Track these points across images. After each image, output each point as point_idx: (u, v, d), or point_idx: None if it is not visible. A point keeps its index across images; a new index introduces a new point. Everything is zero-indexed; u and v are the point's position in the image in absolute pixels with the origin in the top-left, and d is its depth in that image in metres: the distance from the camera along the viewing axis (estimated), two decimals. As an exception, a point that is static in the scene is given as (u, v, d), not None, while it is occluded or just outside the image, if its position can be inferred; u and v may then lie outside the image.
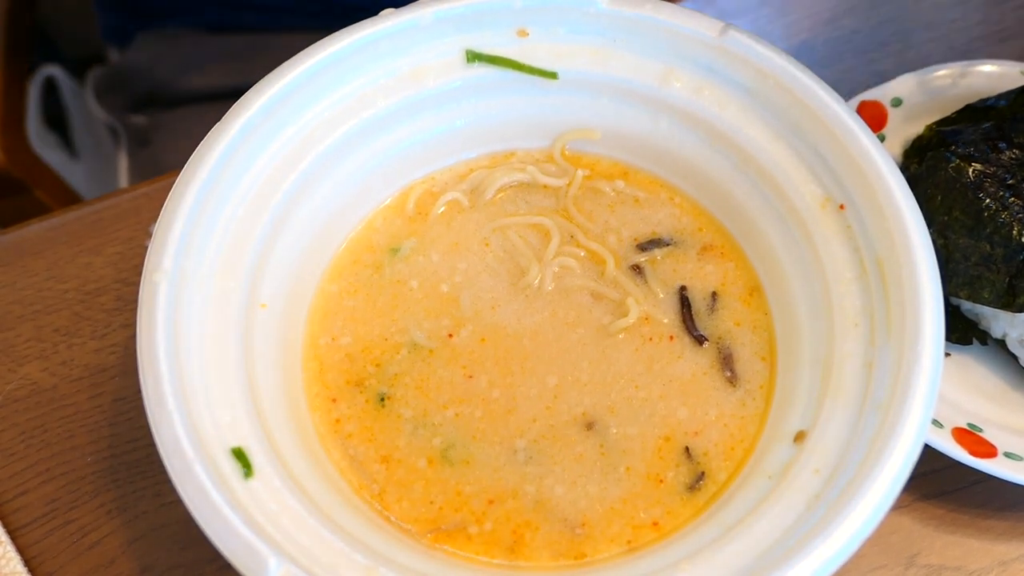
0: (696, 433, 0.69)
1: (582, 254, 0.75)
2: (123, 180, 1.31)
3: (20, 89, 1.31)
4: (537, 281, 0.73)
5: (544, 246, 0.75)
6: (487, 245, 0.75)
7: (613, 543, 0.65)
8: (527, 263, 0.74)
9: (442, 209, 0.77)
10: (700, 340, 0.72)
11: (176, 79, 1.22)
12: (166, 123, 1.23)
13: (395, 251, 0.75)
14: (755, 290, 0.74)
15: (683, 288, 0.74)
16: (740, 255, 0.76)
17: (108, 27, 1.29)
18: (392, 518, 0.66)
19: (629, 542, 0.65)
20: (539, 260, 0.74)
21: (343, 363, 0.71)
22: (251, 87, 0.69)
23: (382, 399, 0.70)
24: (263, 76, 0.70)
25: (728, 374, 0.71)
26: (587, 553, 0.65)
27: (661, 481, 0.67)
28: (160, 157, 1.22)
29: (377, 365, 0.70)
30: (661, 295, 0.74)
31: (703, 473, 0.67)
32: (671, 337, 0.72)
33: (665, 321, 0.73)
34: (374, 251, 0.75)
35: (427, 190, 0.78)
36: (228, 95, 1.15)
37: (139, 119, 1.26)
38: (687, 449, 0.68)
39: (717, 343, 0.72)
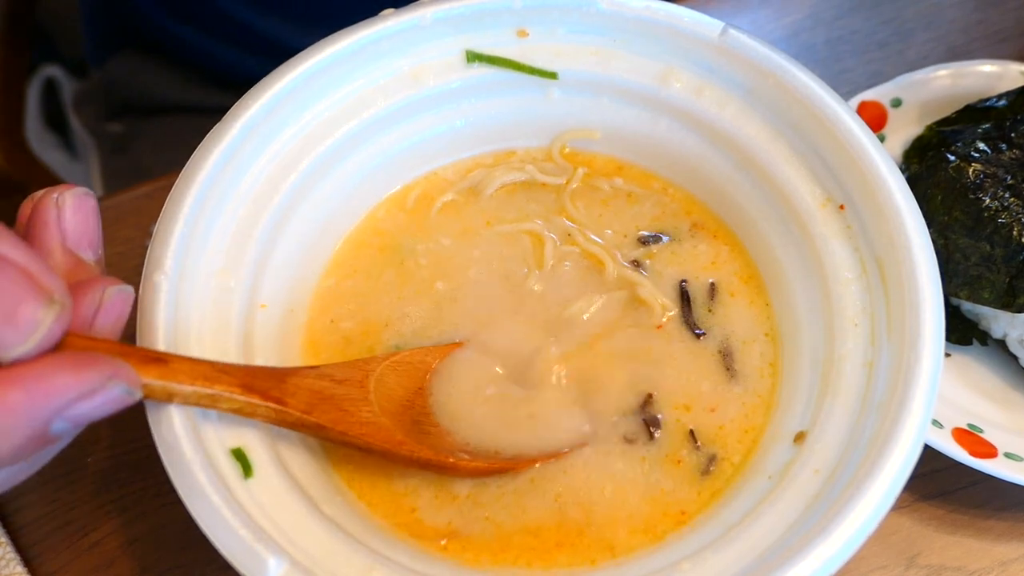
0: (702, 427, 0.69)
1: (577, 251, 0.75)
2: (97, 189, 1.30)
3: (20, 89, 1.31)
4: (536, 285, 0.73)
5: (541, 249, 0.75)
6: (485, 248, 0.75)
7: (621, 535, 0.65)
8: (525, 267, 0.74)
9: (440, 207, 0.77)
10: (700, 336, 0.72)
11: (154, 90, 1.22)
12: (143, 132, 1.23)
13: (393, 248, 0.75)
14: (755, 288, 0.74)
15: (683, 282, 0.74)
16: (741, 254, 0.76)
17: (92, 46, 1.29)
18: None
19: (644, 532, 0.65)
20: (538, 266, 0.74)
21: (339, 343, 0.71)
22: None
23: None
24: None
25: (728, 372, 0.71)
26: (613, 545, 0.65)
27: (668, 478, 0.67)
28: (137, 165, 1.22)
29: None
30: (661, 290, 0.74)
31: (707, 471, 0.67)
32: (672, 333, 0.72)
33: (664, 317, 0.72)
34: (373, 245, 0.75)
35: (427, 189, 0.78)
36: (206, 109, 1.15)
37: (115, 127, 1.26)
38: (693, 447, 0.68)
39: (717, 340, 0.72)
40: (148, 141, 1.22)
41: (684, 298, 0.73)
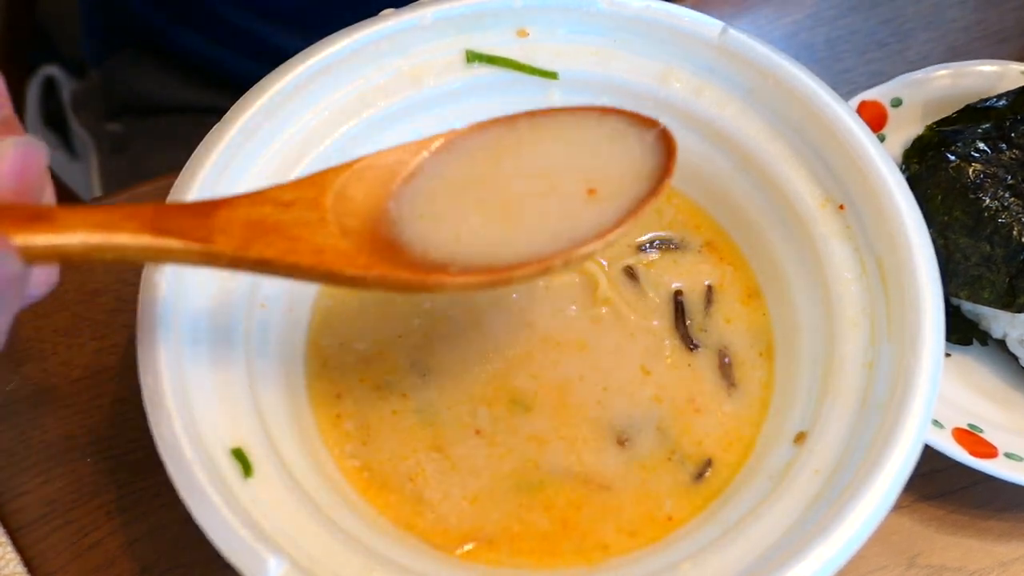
0: (695, 433, 0.69)
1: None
2: (96, 189, 1.30)
3: (20, 89, 1.31)
4: (529, 298, 0.73)
5: None
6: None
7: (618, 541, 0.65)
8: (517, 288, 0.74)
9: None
10: (696, 344, 0.72)
11: (153, 90, 1.22)
12: (142, 132, 1.23)
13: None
14: (753, 291, 0.74)
15: (678, 292, 0.74)
16: (738, 256, 0.76)
17: (90, 46, 1.29)
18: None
19: (632, 535, 0.65)
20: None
21: (357, 364, 0.71)
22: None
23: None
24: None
25: (726, 377, 0.71)
26: (609, 547, 0.65)
27: (662, 483, 0.67)
28: (136, 165, 1.22)
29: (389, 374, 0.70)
30: (656, 299, 0.74)
31: (702, 475, 0.67)
32: (665, 342, 0.72)
33: (658, 325, 0.72)
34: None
35: (427, 190, 0.78)
36: (206, 109, 1.14)
37: (114, 127, 1.25)
38: (686, 452, 0.68)
39: (714, 346, 0.72)
40: (147, 141, 1.22)
41: (679, 309, 0.73)
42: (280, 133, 0.70)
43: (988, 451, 0.74)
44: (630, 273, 0.74)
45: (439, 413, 0.69)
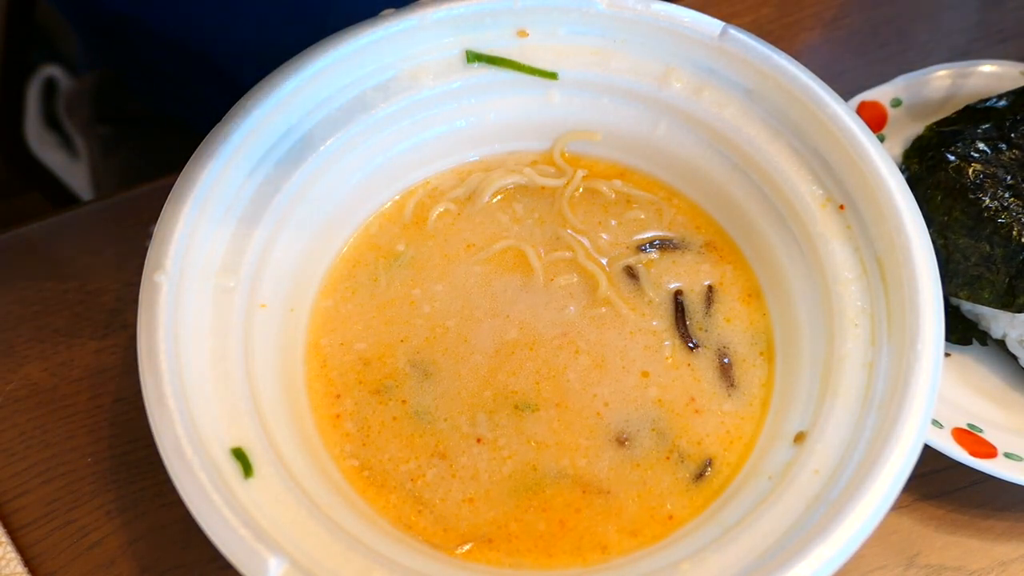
0: (695, 433, 0.69)
1: (569, 257, 0.75)
2: (90, 190, 1.30)
3: (20, 89, 1.31)
4: (527, 301, 0.73)
5: (527, 261, 0.75)
6: (476, 267, 0.75)
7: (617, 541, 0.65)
8: (515, 282, 0.74)
9: (439, 214, 0.76)
10: (696, 344, 0.72)
11: (143, 98, 1.22)
12: (132, 135, 1.23)
13: (391, 261, 0.75)
14: (753, 291, 0.74)
15: (679, 292, 0.74)
16: (739, 256, 0.76)
17: (83, 52, 1.29)
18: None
19: (633, 534, 0.65)
20: (527, 281, 0.74)
21: (356, 365, 0.71)
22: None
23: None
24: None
25: (726, 377, 0.71)
26: (605, 546, 0.65)
27: (662, 483, 0.67)
28: (128, 167, 1.22)
29: (390, 376, 0.70)
30: (655, 299, 0.74)
31: (702, 475, 0.67)
32: (665, 342, 0.72)
33: (657, 325, 0.72)
34: (370, 261, 0.75)
35: (426, 195, 0.78)
36: (196, 117, 1.13)
37: (106, 129, 1.25)
38: (686, 452, 0.68)
39: (714, 346, 0.72)
40: (139, 143, 1.22)
41: (679, 309, 0.73)
42: (280, 133, 0.70)
43: (988, 451, 0.74)
44: (630, 273, 0.74)
45: (439, 416, 0.69)
